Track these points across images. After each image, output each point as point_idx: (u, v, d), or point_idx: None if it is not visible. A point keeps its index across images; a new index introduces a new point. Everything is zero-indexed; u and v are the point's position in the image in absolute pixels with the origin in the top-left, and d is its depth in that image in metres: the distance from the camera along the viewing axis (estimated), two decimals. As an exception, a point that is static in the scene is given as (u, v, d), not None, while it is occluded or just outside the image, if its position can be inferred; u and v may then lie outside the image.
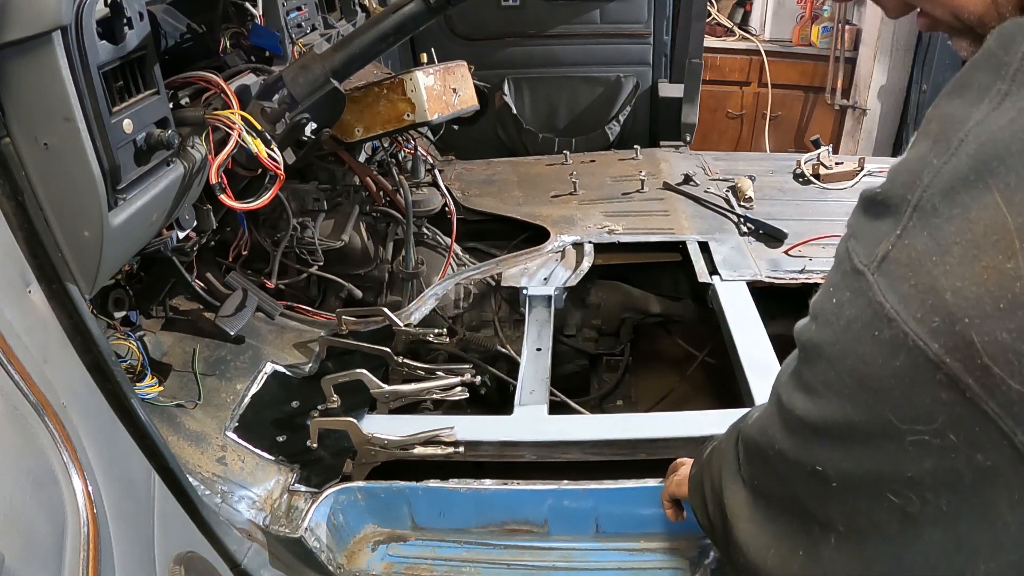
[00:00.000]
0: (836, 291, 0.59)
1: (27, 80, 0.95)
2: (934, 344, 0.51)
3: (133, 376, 1.51)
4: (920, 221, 0.53)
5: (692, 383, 2.42)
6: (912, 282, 0.52)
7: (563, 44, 3.47)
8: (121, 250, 1.17)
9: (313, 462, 1.58)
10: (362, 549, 1.53)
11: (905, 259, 0.53)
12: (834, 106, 4.41)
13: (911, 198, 0.54)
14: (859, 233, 0.60)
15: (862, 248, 0.58)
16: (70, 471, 0.86)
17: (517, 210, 2.55)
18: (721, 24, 4.64)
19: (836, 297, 0.59)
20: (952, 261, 0.50)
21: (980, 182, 0.50)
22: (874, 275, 0.55)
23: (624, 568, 1.47)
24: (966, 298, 0.49)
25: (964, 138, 0.52)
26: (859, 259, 0.57)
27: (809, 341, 0.63)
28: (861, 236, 0.59)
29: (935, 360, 0.51)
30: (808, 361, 0.63)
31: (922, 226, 0.53)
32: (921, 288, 0.52)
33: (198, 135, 1.34)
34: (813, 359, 0.62)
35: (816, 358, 0.61)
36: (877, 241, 0.56)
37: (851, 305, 0.57)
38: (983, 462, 0.51)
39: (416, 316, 2.01)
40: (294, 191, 2.18)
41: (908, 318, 0.52)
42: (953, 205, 0.51)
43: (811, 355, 0.62)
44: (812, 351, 0.62)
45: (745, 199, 2.49)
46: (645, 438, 1.52)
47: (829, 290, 0.61)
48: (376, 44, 1.62)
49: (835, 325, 0.59)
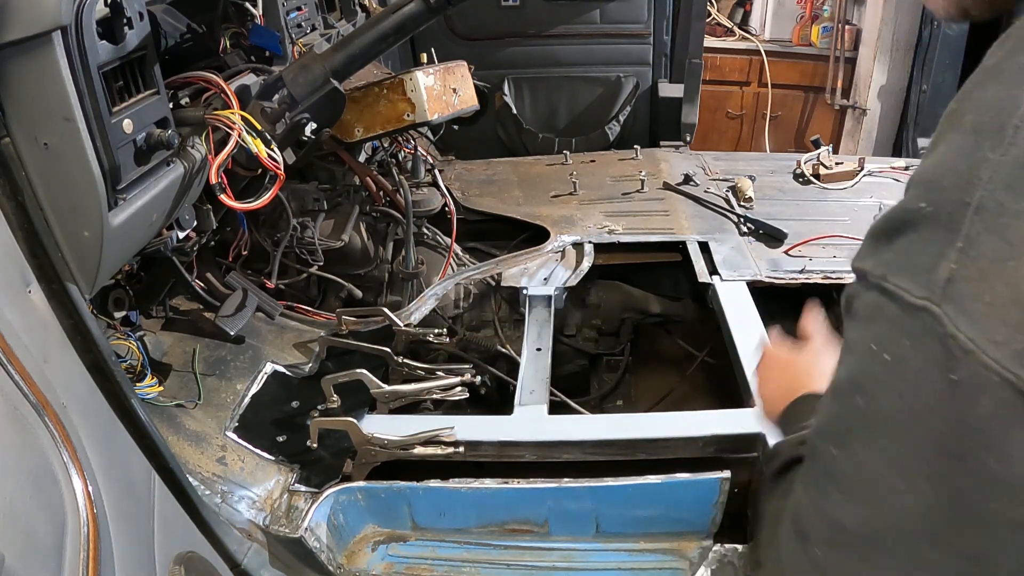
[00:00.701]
0: (884, 346, 0.48)
1: (27, 80, 0.95)
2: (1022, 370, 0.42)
3: (133, 376, 1.51)
4: (985, 224, 0.44)
5: (692, 383, 2.42)
6: (987, 298, 0.43)
7: (563, 44, 3.47)
8: (121, 250, 1.17)
9: (313, 462, 1.58)
10: (362, 549, 1.53)
11: (975, 273, 0.44)
12: (834, 106, 4.40)
13: (970, 200, 0.45)
14: (898, 267, 0.48)
15: (911, 280, 0.47)
16: (70, 471, 0.86)
17: (517, 210, 2.55)
18: (721, 24, 4.64)
19: (888, 352, 0.48)
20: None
21: None
22: (940, 305, 0.45)
23: (624, 568, 1.47)
24: None
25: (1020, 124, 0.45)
26: (914, 294, 0.46)
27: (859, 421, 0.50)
28: (904, 269, 0.48)
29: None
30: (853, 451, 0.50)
31: (989, 229, 0.44)
32: (999, 302, 0.43)
33: (198, 135, 1.34)
34: (863, 444, 0.49)
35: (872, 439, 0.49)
36: (932, 265, 0.46)
37: (916, 353, 0.46)
38: None
39: (416, 316, 2.01)
40: (294, 191, 2.18)
41: (986, 344, 0.43)
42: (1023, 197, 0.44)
43: (859, 440, 0.50)
44: (862, 434, 0.49)
45: (745, 199, 2.49)
46: (645, 438, 1.52)
47: (871, 349, 0.49)
48: (376, 44, 1.62)
49: (898, 386, 0.47)
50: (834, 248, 2.22)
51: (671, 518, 1.47)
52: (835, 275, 2.08)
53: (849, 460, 0.51)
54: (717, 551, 1.45)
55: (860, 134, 4.28)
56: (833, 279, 2.07)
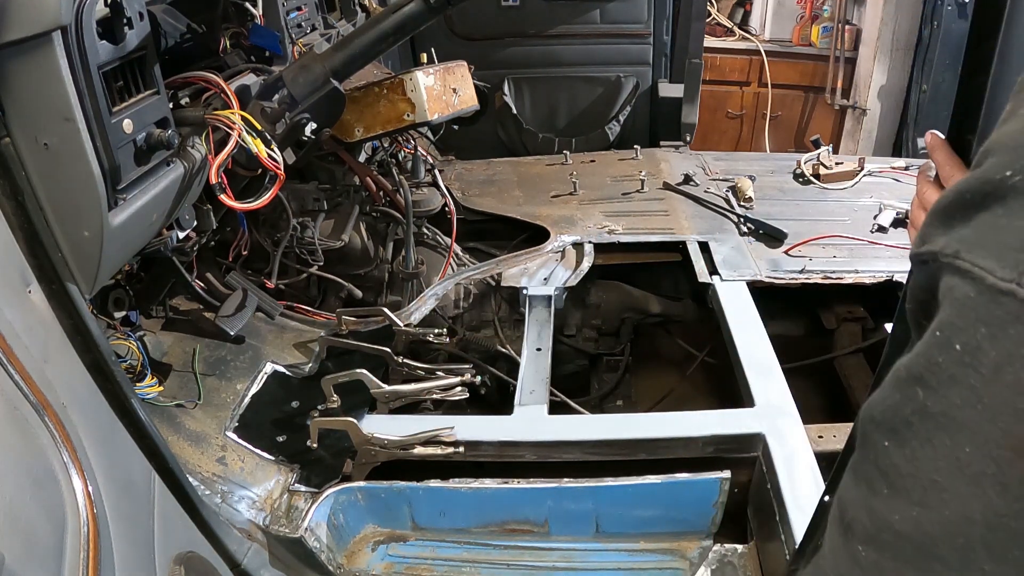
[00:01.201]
0: (958, 333, 0.42)
1: (27, 80, 0.95)
2: None
3: (133, 376, 1.51)
4: None
5: (692, 383, 2.42)
6: None
7: (563, 44, 3.47)
8: (121, 250, 1.17)
9: (313, 462, 1.58)
10: (362, 549, 1.53)
11: None
12: (834, 106, 4.40)
13: None
14: (974, 243, 0.42)
15: (996, 259, 0.41)
16: (70, 471, 0.86)
17: (517, 210, 2.55)
18: (721, 24, 4.64)
19: (961, 341, 0.42)
20: None
21: None
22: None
23: (624, 568, 1.47)
24: None
25: None
26: (996, 275, 0.40)
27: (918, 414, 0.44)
28: (985, 246, 0.42)
29: None
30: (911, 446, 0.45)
31: None
32: None
33: (198, 135, 1.34)
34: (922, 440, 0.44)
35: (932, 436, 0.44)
36: (1021, 243, 0.40)
37: (995, 343, 0.40)
38: None
39: (416, 316, 2.01)
40: (294, 191, 2.18)
41: None
42: None
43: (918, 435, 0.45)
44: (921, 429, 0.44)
45: (745, 199, 2.49)
46: (645, 438, 1.52)
47: (938, 336, 0.44)
48: (376, 44, 1.62)
49: (970, 379, 0.41)
50: (834, 248, 2.22)
51: (671, 518, 1.47)
52: (835, 275, 2.08)
53: (904, 457, 0.45)
54: (717, 551, 1.45)
55: (860, 134, 4.28)
56: (833, 279, 2.07)
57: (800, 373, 2.01)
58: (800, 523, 1.28)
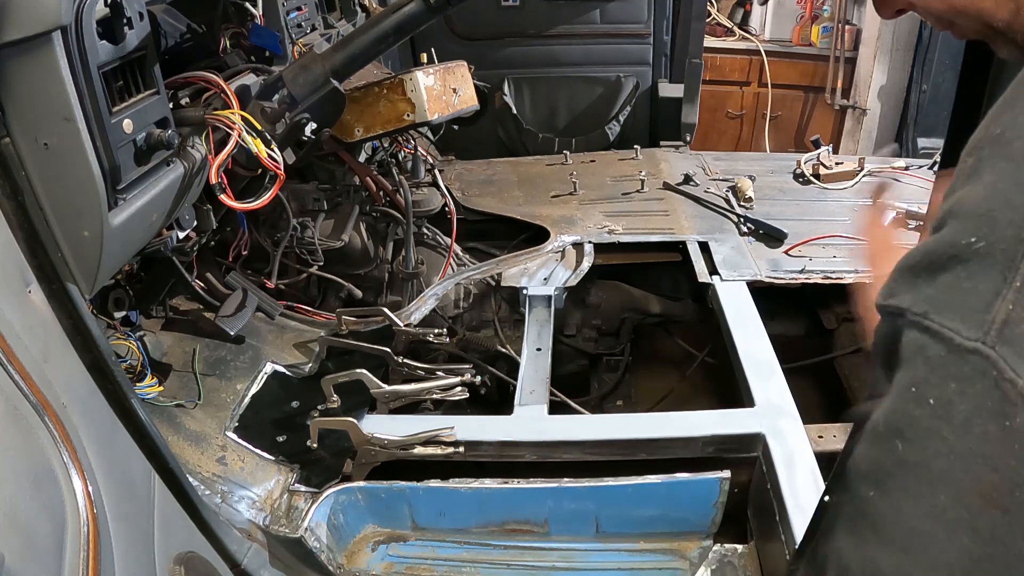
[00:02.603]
0: (930, 389, 0.45)
1: (27, 80, 0.95)
2: None
3: (133, 376, 1.51)
4: None
5: (692, 383, 2.42)
6: None
7: (563, 44, 3.47)
8: (121, 250, 1.17)
9: (313, 462, 1.58)
10: (362, 549, 1.53)
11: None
12: (834, 106, 4.40)
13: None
14: (941, 305, 0.46)
15: (960, 320, 0.44)
16: (70, 471, 0.86)
17: (517, 210, 2.55)
18: (721, 24, 4.64)
19: (934, 396, 0.45)
20: None
21: None
22: (995, 347, 0.42)
23: (624, 568, 1.47)
24: None
25: None
26: (963, 335, 0.44)
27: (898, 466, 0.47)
28: (951, 307, 0.45)
29: None
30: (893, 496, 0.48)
31: None
32: None
33: (198, 135, 1.34)
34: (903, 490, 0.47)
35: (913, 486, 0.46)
36: (985, 305, 0.43)
37: (964, 398, 0.43)
38: None
39: (416, 316, 2.01)
40: (294, 191, 2.18)
41: None
42: None
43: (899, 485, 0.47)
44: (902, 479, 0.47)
45: (745, 199, 2.49)
46: (645, 438, 1.52)
47: (912, 392, 0.47)
48: (376, 44, 1.62)
49: (943, 432, 0.44)
50: (834, 248, 2.22)
51: (671, 518, 1.47)
52: (835, 275, 2.08)
53: (888, 506, 0.48)
54: (717, 551, 1.45)
55: (860, 134, 4.28)
56: (833, 279, 2.07)
57: (800, 373, 2.01)
58: (800, 523, 1.28)
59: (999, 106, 0.50)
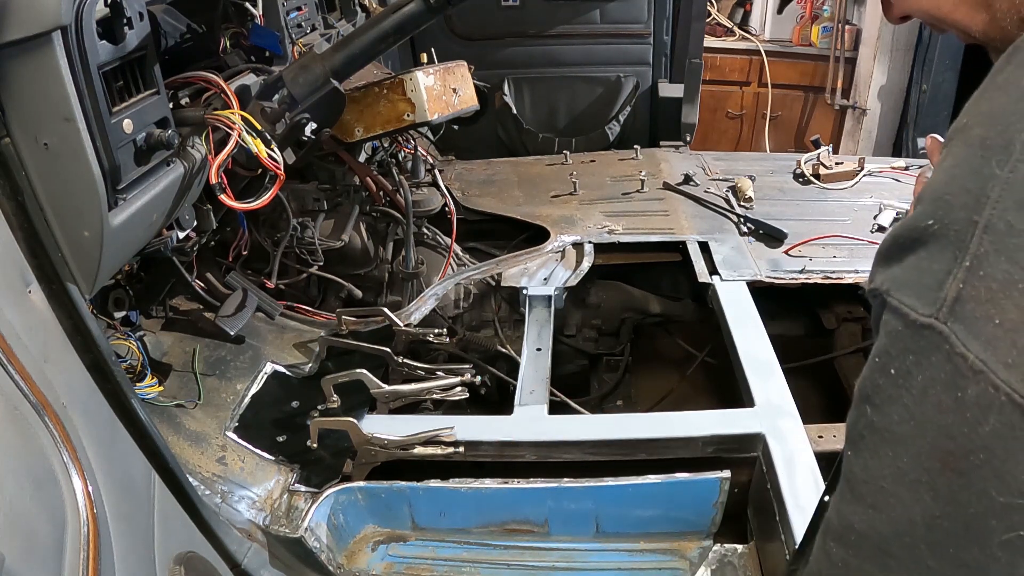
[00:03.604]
0: (892, 360, 0.49)
1: (27, 80, 0.95)
2: None
3: (133, 376, 1.51)
4: (994, 244, 0.44)
5: (692, 383, 2.42)
6: (997, 320, 0.44)
7: (563, 44, 3.47)
8: (121, 250, 1.17)
9: (313, 462, 1.58)
10: (362, 549, 1.53)
11: (984, 294, 0.44)
12: (834, 106, 4.40)
13: (979, 219, 0.45)
14: (903, 282, 0.49)
15: (915, 297, 0.47)
16: (70, 471, 0.86)
17: (517, 210, 2.55)
18: (721, 24, 4.64)
19: (895, 367, 0.49)
20: None
21: None
22: (947, 323, 0.45)
23: (624, 568, 1.47)
24: None
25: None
26: (918, 311, 0.47)
27: (868, 428, 0.51)
28: (908, 284, 0.49)
29: None
30: (864, 456, 0.52)
31: (997, 249, 0.44)
32: (1009, 325, 0.43)
33: (198, 135, 1.34)
34: (872, 451, 0.51)
35: (880, 448, 0.50)
36: (938, 283, 0.46)
37: (921, 369, 0.47)
38: None
39: (416, 316, 2.01)
40: (294, 191, 2.18)
41: (998, 366, 0.43)
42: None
43: (869, 447, 0.51)
44: (871, 441, 0.51)
45: (745, 199, 2.49)
46: (645, 438, 1.52)
47: (876, 362, 0.51)
48: (376, 44, 1.62)
49: (904, 400, 0.48)
50: (834, 248, 2.22)
51: (671, 518, 1.47)
52: (835, 275, 2.08)
53: (859, 466, 0.52)
54: (717, 551, 1.45)
55: (860, 134, 4.28)
56: (833, 279, 2.07)
57: (800, 373, 2.01)
58: (800, 523, 1.28)
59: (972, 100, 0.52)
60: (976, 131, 0.48)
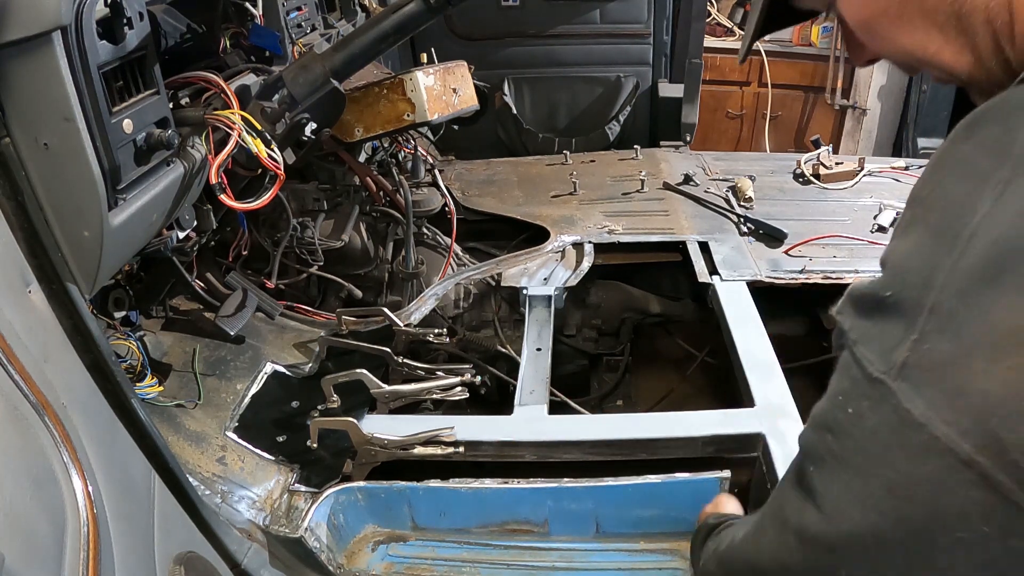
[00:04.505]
0: (850, 401, 0.58)
1: (27, 80, 0.95)
2: (965, 444, 0.51)
3: (133, 376, 1.51)
4: (939, 324, 0.52)
5: (692, 383, 2.42)
6: (938, 387, 0.52)
7: (563, 44, 3.47)
8: (121, 250, 1.17)
9: (313, 462, 1.58)
10: (362, 549, 1.53)
11: (928, 364, 0.53)
12: (834, 106, 4.40)
13: (926, 301, 0.53)
14: (865, 338, 0.58)
15: (874, 355, 0.56)
16: (70, 471, 0.86)
17: (517, 210, 2.55)
18: (721, 24, 4.64)
19: (852, 407, 0.58)
20: (978, 363, 0.50)
21: (996, 282, 0.50)
22: (895, 382, 0.54)
23: (624, 568, 1.47)
24: (995, 399, 0.50)
25: (974, 233, 0.52)
26: (874, 367, 0.56)
27: (828, 453, 0.61)
28: (869, 341, 0.57)
29: (966, 460, 0.51)
30: (824, 473, 0.61)
31: (941, 329, 0.52)
32: (949, 392, 0.51)
33: (198, 135, 1.34)
34: (830, 471, 0.60)
35: (837, 471, 0.59)
36: (891, 347, 0.55)
37: (873, 414, 0.56)
38: (1017, 544, 0.52)
39: (416, 316, 2.01)
40: (294, 191, 2.18)
41: (938, 422, 0.52)
42: (971, 307, 0.51)
43: (827, 468, 0.61)
44: (828, 463, 0.60)
45: (745, 199, 2.49)
46: (645, 438, 1.52)
47: (839, 399, 0.59)
48: (376, 44, 1.62)
49: (857, 436, 0.57)
50: (834, 248, 2.22)
51: (671, 518, 1.47)
52: (835, 275, 2.08)
53: (820, 482, 0.61)
54: None
55: (860, 134, 4.28)
56: (833, 279, 2.07)
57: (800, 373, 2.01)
58: (800, 523, 1.28)
59: (933, 164, 0.59)
60: (933, 216, 0.56)
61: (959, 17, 0.62)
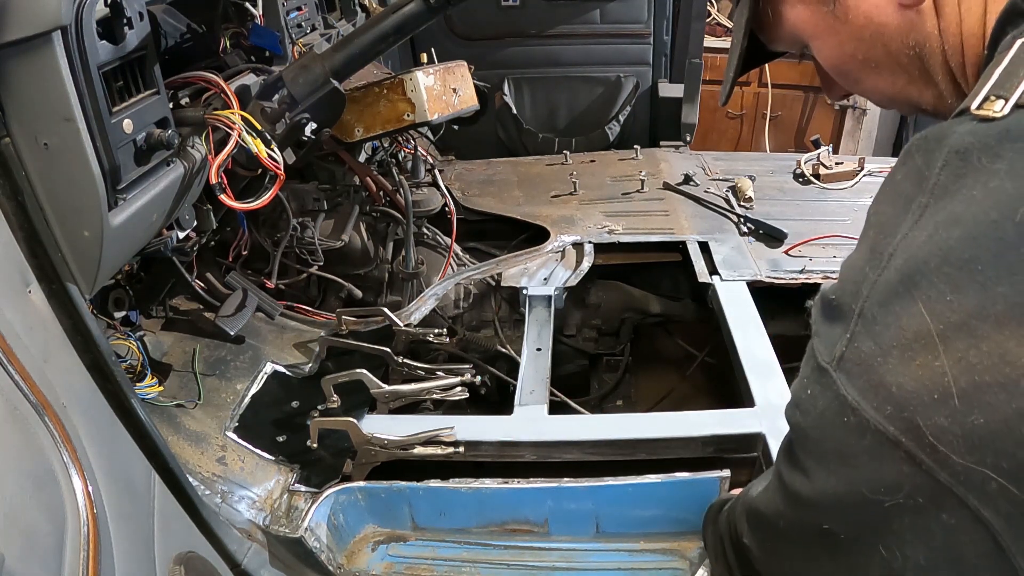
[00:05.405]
0: (808, 384, 0.69)
1: (27, 80, 0.95)
2: (891, 427, 0.59)
3: (133, 376, 1.51)
4: (864, 328, 0.62)
5: (692, 383, 2.42)
6: (865, 379, 0.61)
7: (563, 44, 3.47)
8: (121, 250, 1.17)
9: (313, 462, 1.58)
10: (362, 549, 1.53)
11: (856, 359, 0.62)
12: (834, 106, 4.40)
13: (855, 307, 0.63)
14: (820, 333, 0.69)
15: (823, 347, 0.67)
16: (70, 471, 0.86)
17: (517, 210, 2.55)
18: (721, 24, 4.64)
19: (809, 389, 0.68)
20: (893, 361, 0.59)
21: (907, 294, 0.59)
22: (835, 372, 0.64)
23: (624, 568, 1.47)
24: (908, 391, 0.58)
25: (893, 252, 0.61)
26: (822, 358, 0.66)
27: (797, 425, 0.71)
28: (822, 336, 0.68)
29: (894, 440, 0.59)
30: (798, 442, 0.71)
31: (866, 332, 0.62)
32: (873, 383, 0.61)
33: (198, 135, 1.34)
34: (802, 441, 0.71)
35: (804, 440, 0.70)
36: (833, 343, 0.65)
37: (821, 396, 0.66)
38: (948, 520, 0.58)
39: (416, 316, 2.01)
40: (294, 191, 2.18)
41: (867, 408, 0.61)
42: (888, 314, 0.60)
43: (799, 437, 0.71)
44: (800, 434, 0.71)
45: (745, 199, 2.49)
46: (645, 438, 1.52)
47: (804, 381, 0.70)
48: (376, 44, 1.62)
49: (812, 413, 0.68)
50: (834, 248, 2.22)
51: (671, 518, 1.47)
52: (835, 275, 2.07)
53: (798, 449, 0.71)
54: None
55: (860, 134, 4.28)
56: (833, 279, 2.07)
57: (800, 373, 2.01)
58: (800, 523, 1.28)
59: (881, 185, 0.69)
60: (872, 233, 0.67)
61: (920, 59, 0.74)
